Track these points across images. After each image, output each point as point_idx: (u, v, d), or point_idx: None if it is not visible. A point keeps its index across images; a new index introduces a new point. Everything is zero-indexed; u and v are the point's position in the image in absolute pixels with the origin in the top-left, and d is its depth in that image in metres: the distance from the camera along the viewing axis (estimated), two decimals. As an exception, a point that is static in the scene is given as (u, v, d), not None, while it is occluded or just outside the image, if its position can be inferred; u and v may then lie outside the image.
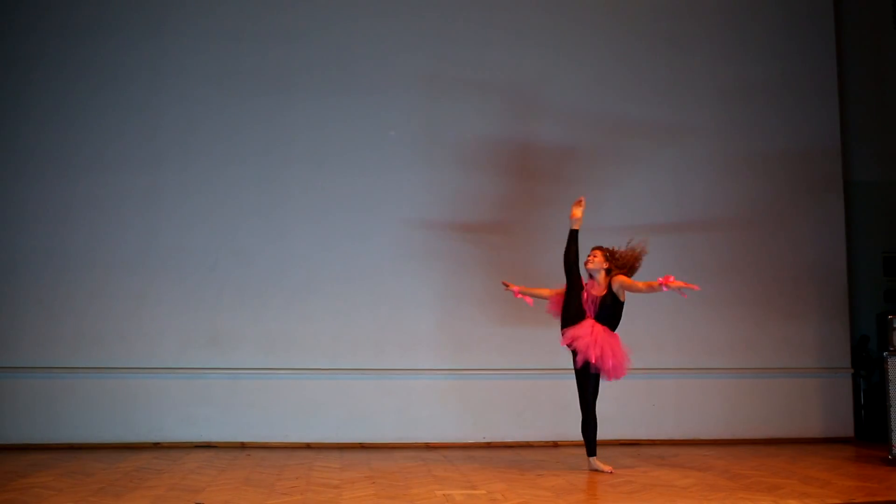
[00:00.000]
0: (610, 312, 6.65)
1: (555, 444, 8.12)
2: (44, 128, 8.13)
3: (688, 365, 8.49)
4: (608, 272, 6.71)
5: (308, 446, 7.88)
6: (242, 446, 7.84)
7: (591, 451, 6.70)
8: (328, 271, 8.22)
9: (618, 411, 8.20)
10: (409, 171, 8.39)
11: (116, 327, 7.97)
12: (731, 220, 8.75)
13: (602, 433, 8.19)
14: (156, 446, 7.78)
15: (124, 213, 8.11)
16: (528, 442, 8.14)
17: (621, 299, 6.66)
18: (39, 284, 7.95)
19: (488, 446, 8.03)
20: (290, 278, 8.19)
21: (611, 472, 6.53)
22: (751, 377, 8.58)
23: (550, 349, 8.22)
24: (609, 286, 6.66)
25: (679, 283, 6.23)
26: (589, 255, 6.80)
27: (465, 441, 8.08)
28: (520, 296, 7.21)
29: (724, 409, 8.50)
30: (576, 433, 7.88)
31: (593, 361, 6.49)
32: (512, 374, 8.26)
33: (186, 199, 8.19)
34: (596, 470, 6.61)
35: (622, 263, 6.72)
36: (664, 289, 6.25)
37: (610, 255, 6.75)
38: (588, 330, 6.57)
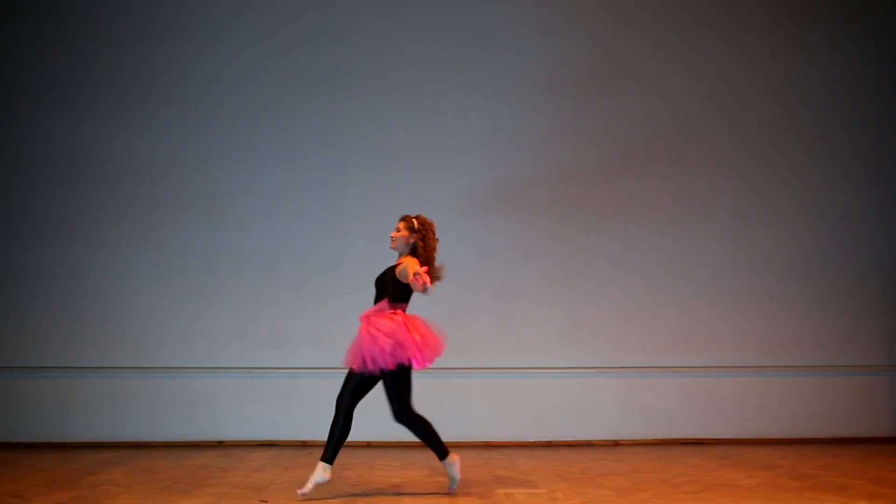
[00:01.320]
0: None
1: (616, 443, 8.05)
2: (105, 132, 8.29)
3: (750, 363, 8.34)
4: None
5: (368, 445, 7.92)
6: (303, 445, 7.90)
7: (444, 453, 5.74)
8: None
9: (681, 409, 8.11)
10: (466, 168, 8.38)
11: (179, 328, 8.10)
12: (793, 213, 8.58)
13: (665, 432, 8.14)
14: (219, 445, 7.89)
15: (185, 215, 8.24)
16: (588, 441, 8.08)
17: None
18: (103, 287, 8.12)
19: (549, 445, 7.98)
20: (347, 278, 8.22)
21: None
22: (816, 375, 8.39)
23: (611, 346, 8.23)
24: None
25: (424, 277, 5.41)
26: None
27: (525, 440, 8.05)
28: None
29: (788, 407, 8.33)
30: (638, 431, 7.84)
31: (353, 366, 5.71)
32: (572, 373, 8.20)
33: (245, 201, 8.29)
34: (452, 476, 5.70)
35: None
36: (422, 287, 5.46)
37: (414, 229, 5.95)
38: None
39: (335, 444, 5.68)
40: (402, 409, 5.76)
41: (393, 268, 5.91)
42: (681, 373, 8.22)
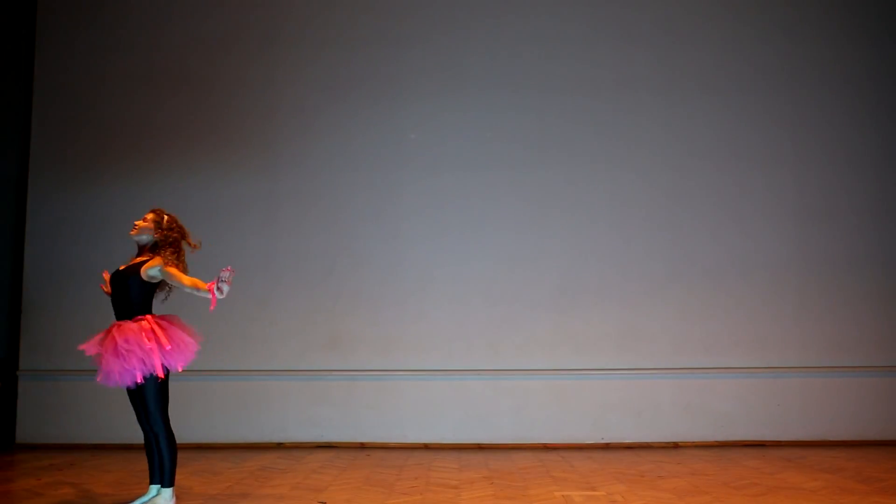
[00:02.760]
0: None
1: (675, 445, 7.95)
2: (166, 141, 8.45)
3: (813, 363, 8.18)
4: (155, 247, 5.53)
5: (426, 447, 7.94)
6: (362, 446, 7.96)
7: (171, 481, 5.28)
8: (442, 273, 8.27)
9: (741, 411, 8.00)
10: (521, 169, 8.36)
11: (240, 331, 8.21)
12: (857, 210, 8.39)
13: (725, 434, 8.03)
14: (279, 446, 7.98)
15: (244, 220, 8.36)
16: (647, 443, 8.00)
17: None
18: (166, 290, 8.26)
19: (607, 447, 7.93)
20: (404, 280, 8.27)
21: None
22: (882, 375, 8.19)
23: (670, 347, 8.14)
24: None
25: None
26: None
27: (583, 442, 8.00)
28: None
29: (853, 409, 8.14)
30: (698, 433, 7.75)
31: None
32: (630, 374, 8.13)
33: (303, 205, 8.38)
34: None
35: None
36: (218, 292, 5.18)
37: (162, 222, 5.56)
38: None
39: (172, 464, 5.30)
40: (159, 417, 5.41)
41: (137, 266, 5.46)
42: (742, 373, 8.09)
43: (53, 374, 8.15)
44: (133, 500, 5.29)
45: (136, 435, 7.94)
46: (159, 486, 5.23)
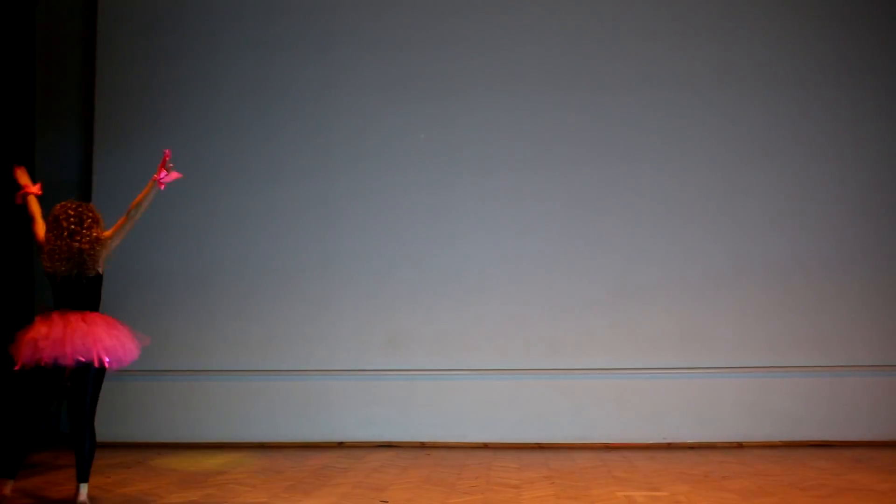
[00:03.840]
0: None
1: (739, 445, 7.82)
2: (226, 143, 8.56)
3: (882, 361, 7.97)
4: None
5: (486, 446, 7.93)
6: (422, 446, 7.97)
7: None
8: (500, 271, 8.25)
9: (808, 411, 7.84)
10: (575, 169, 8.30)
11: (299, 331, 8.28)
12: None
13: (791, 434, 7.87)
14: (339, 445, 8.04)
15: (303, 222, 8.43)
16: (710, 442, 7.87)
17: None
18: (228, 292, 8.38)
19: (669, 447, 7.83)
20: (462, 279, 8.27)
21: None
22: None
23: (731, 346, 8.02)
24: None
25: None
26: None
27: (644, 441, 7.91)
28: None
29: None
30: (763, 433, 7.63)
31: None
32: (691, 373, 8.01)
33: (360, 205, 8.42)
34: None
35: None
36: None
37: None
38: None
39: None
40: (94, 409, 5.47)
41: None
42: (807, 372, 7.93)
43: (120, 373, 8.25)
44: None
45: (200, 434, 8.13)
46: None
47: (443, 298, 8.24)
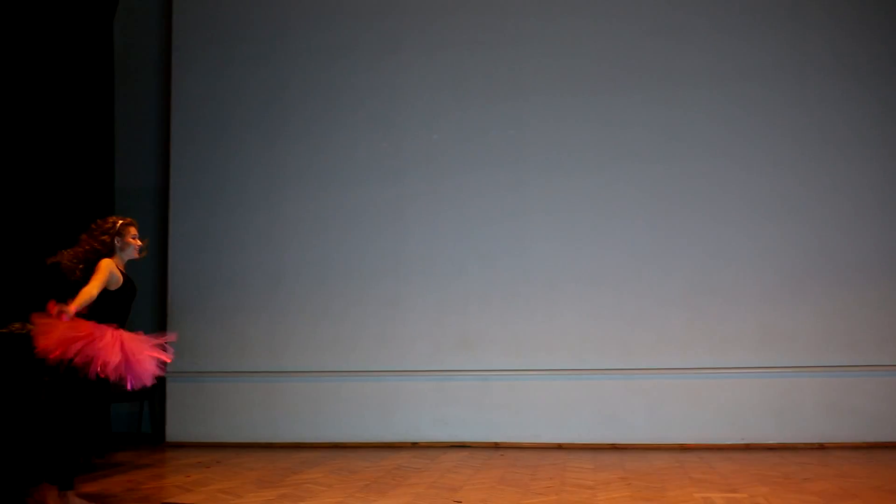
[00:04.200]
0: None
1: (821, 446, 7.63)
2: (299, 148, 8.69)
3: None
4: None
5: (560, 447, 7.89)
6: (496, 446, 7.96)
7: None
8: (572, 271, 8.19)
9: (892, 411, 7.59)
10: (648, 166, 8.19)
11: (372, 332, 8.36)
12: None
13: (876, 435, 7.65)
14: (414, 446, 8.08)
15: (375, 223, 8.50)
16: (790, 444, 7.69)
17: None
18: (302, 294, 8.50)
19: (747, 448, 7.67)
20: (534, 279, 8.24)
21: None
22: None
23: (811, 344, 7.82)
24: None
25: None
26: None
27: (721, 442, 7.76)
28: None
29: None
30: (845, 434, 7.45)
31: None
32: (769, 373, 7.84)
33: (431, 207, 8.46)
34: None
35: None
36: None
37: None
38: None
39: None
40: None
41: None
42: (892, 372, 7.68)
43: (198, 375, 8.49)
44: None
45: (277, 434, 8.26)
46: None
47: (515, 298, 8.22)
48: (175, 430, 8.43)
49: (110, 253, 5.36)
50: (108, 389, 5.29)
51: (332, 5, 8.86)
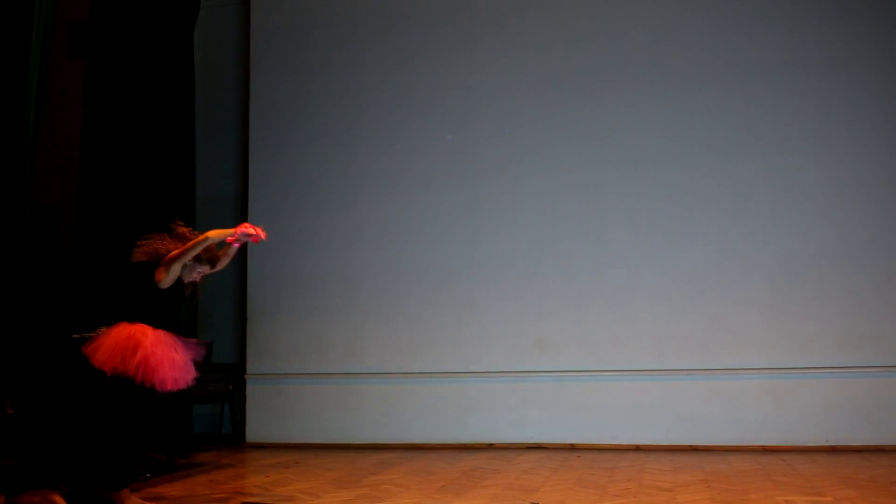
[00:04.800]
0: None
1: (910, 449, 7.39)
2: (373, 152, 8.79)
3: None
4: None
5: (637, 448, 7.80)
6: (572, 447, 7.92)
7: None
8: (648, 270, 8.10)
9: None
10: (726, 162, 8.05)
11: (448, 334, 8.39)
12: None
13: None
14: (490, 447, 8.08)
15: (450, 225, 8.54)
16: (879, 446, 7.45)
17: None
18: (377, 295, 8.59)
19: (832, 450, 7.47)
20: (610, 280, 8.17)
21: None
22: None
23: (899, 344, 7.58)
24: None
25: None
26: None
27: (805, 444, 7.58)
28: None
29: None
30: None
31: None
32: (855, 372, 7.62)
33: (505, 209, 8.45)
34: None
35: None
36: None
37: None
38: None
39: None
40: None
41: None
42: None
43: (277, 377, 8.65)
44: None
45: (354, 435, 8.35)
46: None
47: (591, 299, 8.17)
48: (255, 430, 8.59)
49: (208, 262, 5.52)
50: (152, 394, 5.30)
51: (404, 9, 8.94)
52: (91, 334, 5.39)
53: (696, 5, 8.34)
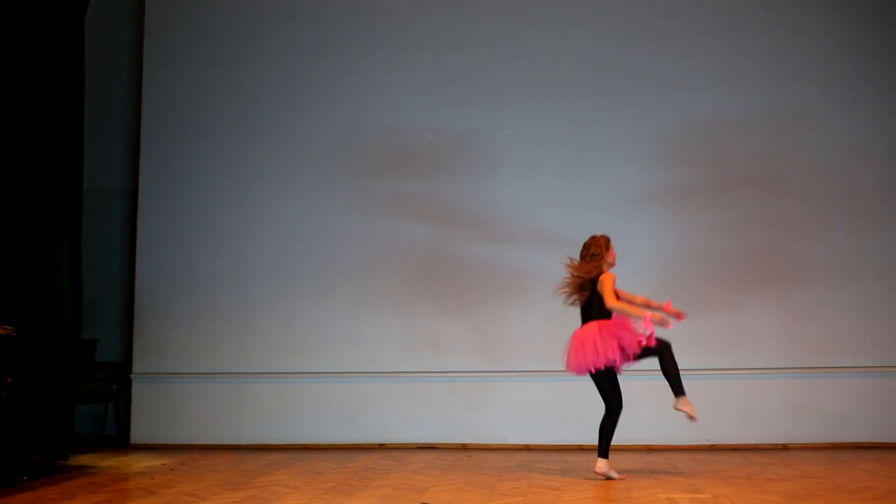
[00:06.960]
0: None
1: (784, 447, 7.72)
2: (268, 149, 8.69)
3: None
4: None
5: (527, 448, 7.91)
6: (463, 447, 7.98)
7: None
8: (539, 276, 8.18)
9: (855, 412, 7.74)
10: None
11: (341, 333, 8.35)
12: None
13: (838, 436, 7.74)
14: (381, 447, 8.07)
15: (343, 224, 8.49)
16: (755, 444, 7.78)
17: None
18: (269, 294, 8.48)
19: (712, 448, 7.75)
20: (502, 283, 8.27)
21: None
22: None
23: (777, 347, 7.91)
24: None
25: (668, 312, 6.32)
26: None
27: (687, 443, 7.82)
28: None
29: None
30: (809, 435, 7.53)
31: None
32: (736, 374, 7.92)
33: (400, 208, 8.46)
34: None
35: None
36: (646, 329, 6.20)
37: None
38: None
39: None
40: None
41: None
42: (855, 373, 7.81)
43: (165, 376, 8.44)
44: None
45: (243, 436, 8.20)
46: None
47: (483, 301, 8.33)
48: (140, 431, 8.37)
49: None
50: None
51: (300, 3, 8.84)
52: None
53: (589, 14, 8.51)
